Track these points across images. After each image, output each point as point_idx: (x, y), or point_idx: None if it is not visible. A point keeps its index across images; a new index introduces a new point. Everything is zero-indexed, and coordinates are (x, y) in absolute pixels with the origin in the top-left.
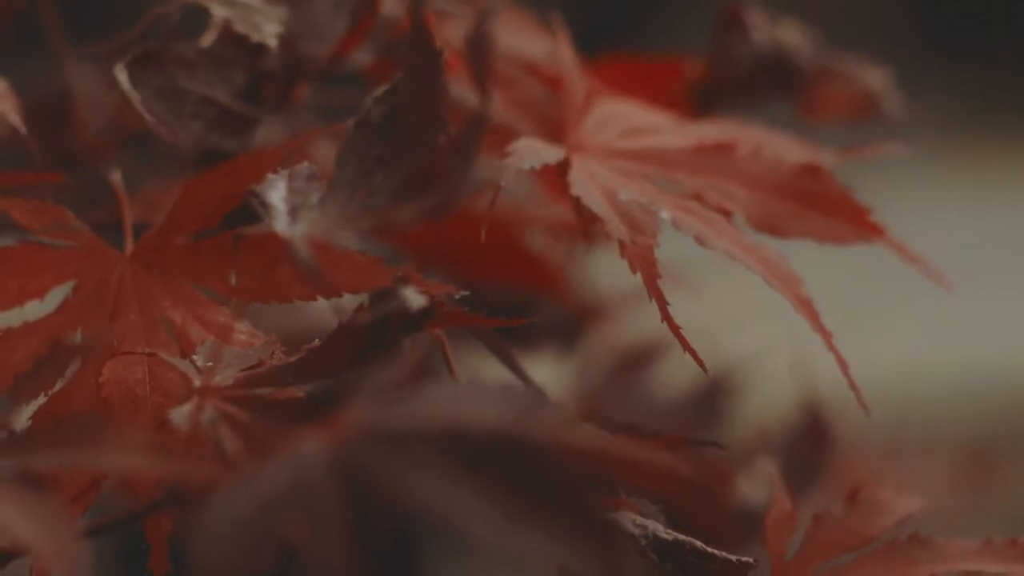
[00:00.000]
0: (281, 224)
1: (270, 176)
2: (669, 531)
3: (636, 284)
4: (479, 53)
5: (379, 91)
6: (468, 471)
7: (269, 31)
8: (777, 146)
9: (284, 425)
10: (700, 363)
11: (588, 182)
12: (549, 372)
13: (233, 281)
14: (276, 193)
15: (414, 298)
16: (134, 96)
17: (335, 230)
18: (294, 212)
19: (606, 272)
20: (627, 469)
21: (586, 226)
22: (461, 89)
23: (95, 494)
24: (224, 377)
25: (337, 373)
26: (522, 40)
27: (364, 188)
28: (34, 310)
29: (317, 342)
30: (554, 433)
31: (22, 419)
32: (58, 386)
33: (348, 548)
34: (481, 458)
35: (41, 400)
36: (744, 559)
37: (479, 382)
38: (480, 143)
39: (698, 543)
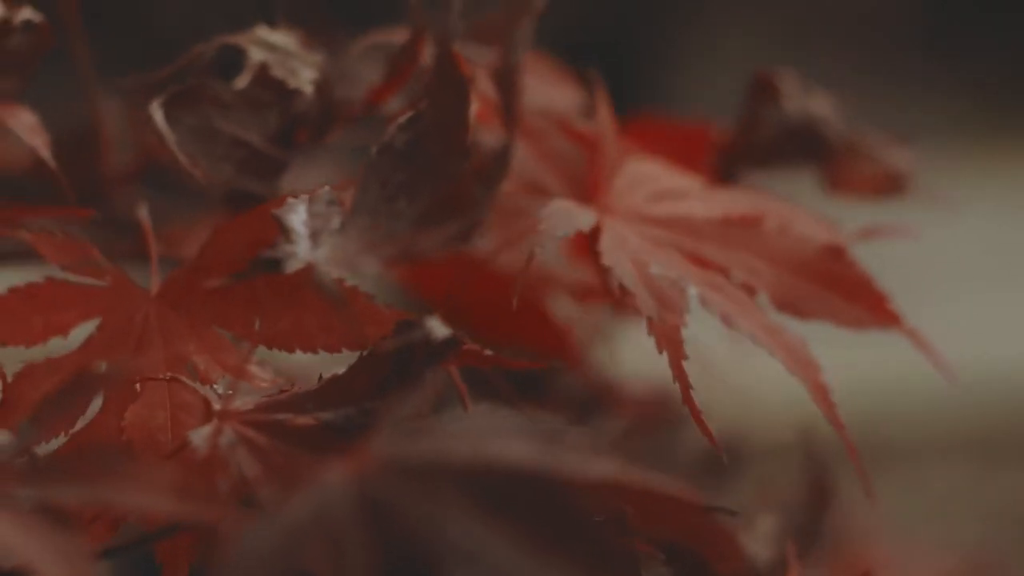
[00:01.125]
0: (302, 248)
1: (290, 200)
2: None
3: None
4: (506, 84)
5: (403, 118)
6: (492, 506)
7: (305, 77)
8: (803, 223)
9: (304, 451)
10: (718, 448)
11: (619, 251)
12: None
13: (257, 327)
14: (296, 217)
15: (439, 329)
16: (168, 134)
17: (357, 255)
18: (315, 236)
19: (626, 343)
20: (647, 506)
21: (613, 294)
22: (487, 136)
23: (115, 520)
24: (244, 402)
25: (359, 402)
26: (552, 92)
27: (386, 213)
28: (58, 346)
29: (340, 370)
30: (578, 468)
31: (46, 447)
32: (81, 423)
33: None
34: (505, 493)
35: (63, 436)
36: None
37: (502, 414)
38: (504, 174)
39: None
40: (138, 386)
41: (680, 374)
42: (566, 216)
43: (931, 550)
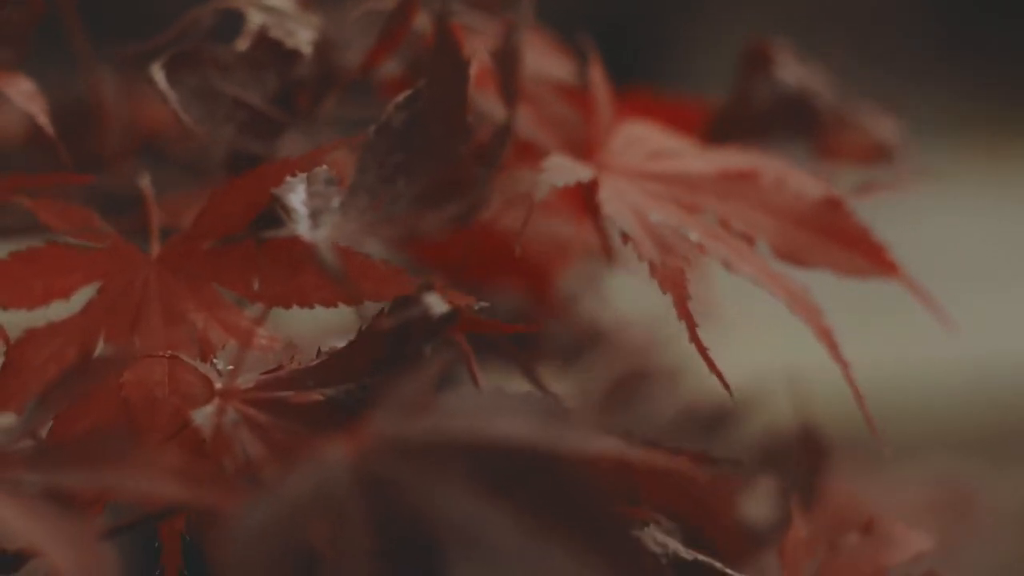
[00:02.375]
0: (303, 228)
1: (289, 180)
2: (690, 551)
3: (646, 309)
4: (507, 64)
5: (401, 97)
6: (490, 483)
7: (303, 37)
8: (798, 179)
9: (306, 429)
10: (726, 385)
11: (618, 202)
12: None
13: (256, 286)
14: (296, 196)
15: (436, 305)
16: (170, 95)
17: (357, 236)
18: (315, 216)
19: (618, 296)
20: (648, 480)
21: (609, 245)
22: (487, 104)
23: (111, 498)
24: (245, 380)
25: (359, 378)
26: (548, 61)
27: (385, 194)
28: (59, 311)
29: (339, 346)
30: (577, 444)
31: (46, 427)
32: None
33: (372, 559)
34: (505, 470)
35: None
36: None
37: (502, 391)
38: (505, 153)
39: (717, 564)
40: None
41: (685, 314)
42: (564, 169)
43: (908, 483)
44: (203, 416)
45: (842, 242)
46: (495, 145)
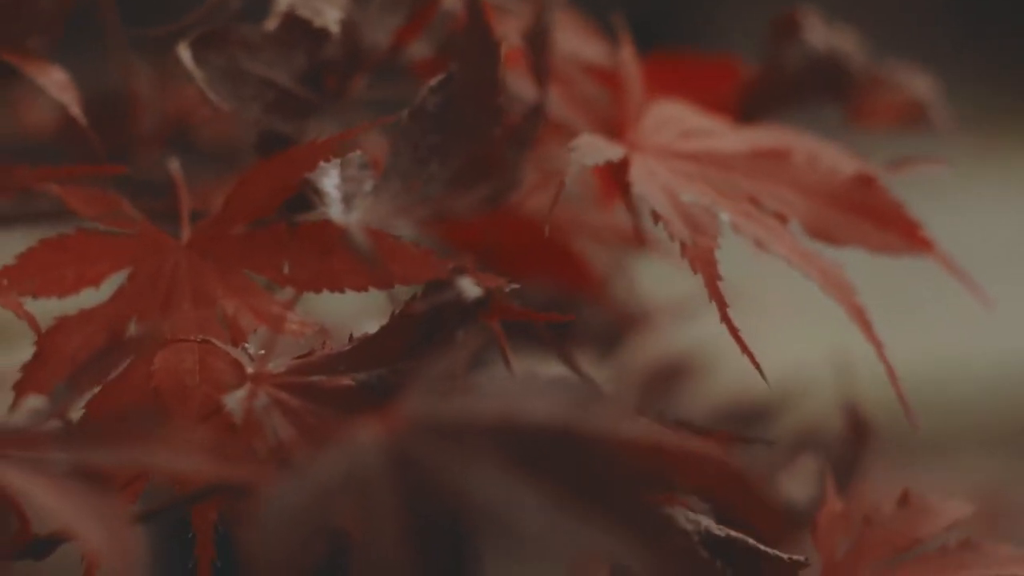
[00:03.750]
0: (335, 211)
1: (322, 164)
2: (721, 528)
3: (678, 294)
4: (538, 45)
5: (435, 80)
6: (522, 465)
7: (331, 17)
8: (831, 156)
9: (337, 413)
10: (758, 367)
11: (649, 181)
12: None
13: (286, 270)
14: (329, 181)
15: (469, 288)
16: (197, 74)
17: (390, 218)
18: (348, 200)
19: (650, 282)
20: (680, 462)
21: (641, 228)
22: (518, 84)
23: (145, 483)
24: (277, 365)
25: (391, 363)
26: (578, 42)
27: (418, 177)
28: (90, 297)
29: (371, 331)
30: (609, 426)
31: (77, 408)
32: (111, 376)
33: (402, 540)
34: (536, 451)
35: (95, 390)
36: (796, 557)
37: (533, 374)
38: (537, 134)
39: (750, 540)
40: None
41: (716, 294)
42: (595, 148)
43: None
44: (234, 400)
45: (875, 219)
46: (527, 126)
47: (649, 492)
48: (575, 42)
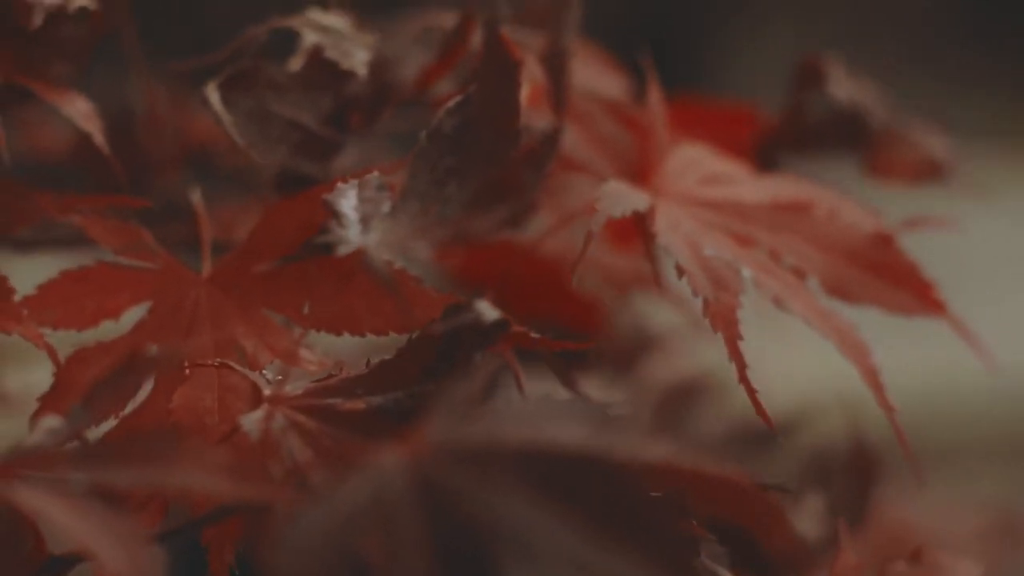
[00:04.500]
0: (353, 233)
1: (340, 185)
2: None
3: (683, 323)
4: (555, 68)
5: (452, 102)
6: (547, 491)
7: (359, 59)
8: (851, 212)
9: (354, 436)
10: (769, 423)
11: (674, 232)
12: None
13: (306, 310)
14: (347, 202)
15: (488, 312)
16: (225, 116)
17: (407, 240)
18: (366, 221)
19: (655, 315)
20: (701, 488)
21: (660, 276)
22: (537, 119)
23: (165, 504)
24: (294, 387)
25: (408, 386)
26: (599, 78)
27: (436, 198)
28: (110, 330)
29: (389, 355)
30: (631, 451)
31: (95, 430)
32: (131, 407)
33: (428, 566)
34: (559, 476)
35: (113, 419)
36: None
37: (549, 398)
38: (553, 157)
39: None
40: (187, 370)
41: (736, 354)
42: (621, 197)
43: (963, 509)
44: (251, 422)
45: (891, 279)
46: (544, 150)
47: (673, 517)
48: (595, 78)
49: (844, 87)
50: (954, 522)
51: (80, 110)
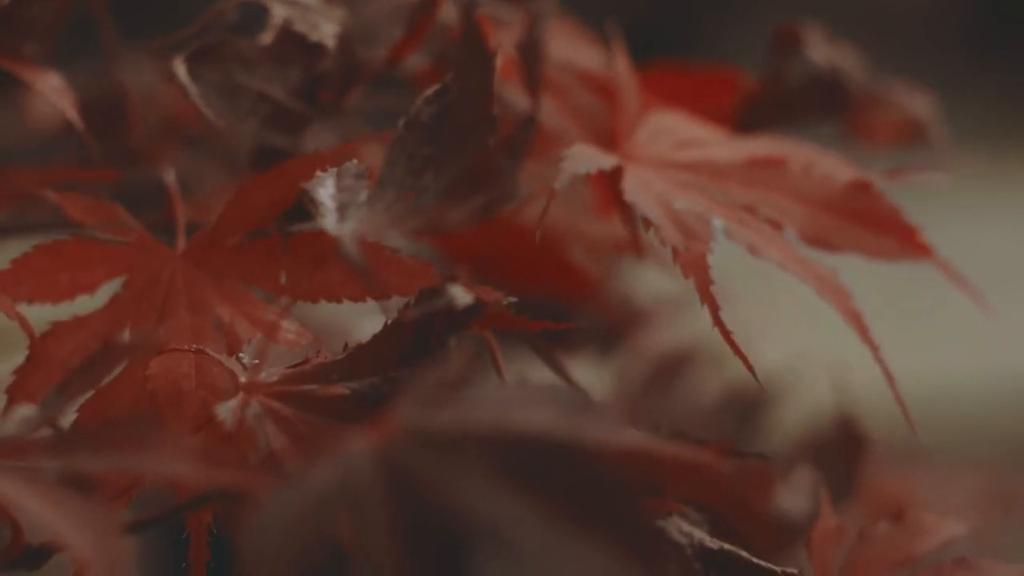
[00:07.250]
0: (330, 222)
1: (319, 174)
2: (715, 540)
3: (675, 293)
4: (531, 55)
5: (430, 91)
6: (515, 476)
7: (327, 31)
8: (827, 164)
9: (330, 422)
10: (751, 368)
11: (642, 190)
12: (585, 378)
13: (282, 281)
14: (325, 191)
15: (461, 297)
16: (192, 90)
17: (384, 229)
18: (343, 210)
19: (645, 286)
20: (674, 473)
21: (637, 236)
22: (512, 94)
23: (137, 490)
24: (270, 374)
25: (383, 371)
26: (574, 50)
27: (413, 187)
28: (84, 305)
29: (363, 340)
30: (602, 436)
31: (68, 415)
32: (105, 382)
33: (397, 550)
34: (529, 462)
35: (87, 395)
36: (789, 571)
37: (526, 383)
38: (530, 144)
39: (743, 553)
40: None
41: (708, 298)
42: (587, 157)
43: (956, 473)
44: (227, 410)
45: (872, 225)
46: (520, 136)
47: (642, 503)
48: (571, 50)
49: (822, 51)
50: (946, 490)
51: (52, 85)
